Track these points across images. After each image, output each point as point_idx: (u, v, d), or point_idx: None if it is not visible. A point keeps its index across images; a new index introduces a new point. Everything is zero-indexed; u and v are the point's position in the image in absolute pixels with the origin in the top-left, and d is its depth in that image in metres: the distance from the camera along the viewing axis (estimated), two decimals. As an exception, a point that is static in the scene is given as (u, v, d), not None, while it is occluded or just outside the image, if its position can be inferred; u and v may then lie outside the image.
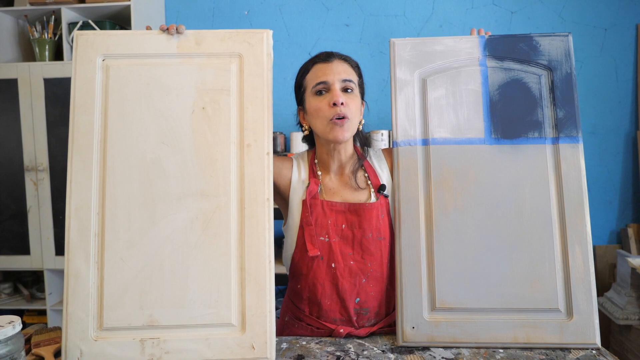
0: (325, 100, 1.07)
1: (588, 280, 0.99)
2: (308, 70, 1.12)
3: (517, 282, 1.01)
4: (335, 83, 1.07)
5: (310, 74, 1.11)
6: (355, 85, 1.10)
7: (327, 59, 1.10)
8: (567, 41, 1.09)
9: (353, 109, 1.08)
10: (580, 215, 1.01)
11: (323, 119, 1.07)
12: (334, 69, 1.08)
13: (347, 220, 1.10)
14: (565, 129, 1.05)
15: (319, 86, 1.08)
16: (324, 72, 1.08)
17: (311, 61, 1.13)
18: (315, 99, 1.09)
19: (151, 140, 1.01)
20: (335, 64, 1.09)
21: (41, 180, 2.36)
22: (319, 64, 1.10)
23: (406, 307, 1.01)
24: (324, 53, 1.13)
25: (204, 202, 0.99)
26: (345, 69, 1.10)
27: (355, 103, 1.09)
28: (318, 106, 1.08)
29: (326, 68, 1.09)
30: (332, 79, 1.07)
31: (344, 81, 1.08)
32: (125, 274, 0.97)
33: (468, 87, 1.08)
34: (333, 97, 1.05)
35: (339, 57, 1.11)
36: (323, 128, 1.09)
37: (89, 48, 1.03)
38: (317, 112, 1.08)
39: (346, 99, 1.06)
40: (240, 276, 0.97)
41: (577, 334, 0.98)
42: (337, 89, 1.07)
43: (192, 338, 0.95)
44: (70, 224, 0.97)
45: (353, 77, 1.11)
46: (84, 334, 0.94)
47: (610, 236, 2.78)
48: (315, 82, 1.09)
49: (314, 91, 1.09)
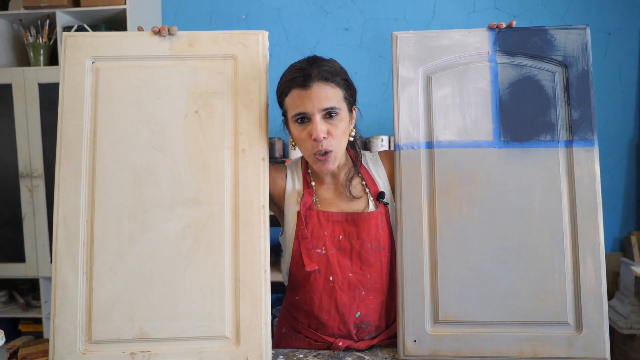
0: (307, 131, 0.99)
1: (599, 293, 0.95)
2: (286, 93, 1.01)
3: (524, 294, 0.96)
4: (315, 114, 0.97)
5: (288, 99, 1.01)
6: (339, 108, 0.99)
7: (305, 84, 0.97)
8: (584, 34, 1.03)
9: (338, 135, 1.00)
10: (594, 224, 0.97)
11: (305, 149, 1.02)
12: (312, 97, 0.96)
13: (345, 230, 1.06)
14: (580, 131, 1.00)
15: (299, 116, 0.99)
16: (302, 102, 0.97)
17: (288, 84, 1.00)
18: (296, 127, 1.01)
19: (142, 145, 0.98)
20: (315, 90, 0.97)
21: (36, 187, 2.33)
22: (297, 90, 0.98)
23: (408, 319, 0.97)
24: (301, 73, 0.98)
25: (196, 210, 0.96)
26: (327, 93, 0.97)
27: (341, 127, 1.00)
28: (300, 136, 1.00)
29: (304, 96, 0.97)
30: (312, 109, 0.97)
31: (324, 110, 0.97)
32: (115, 284, 0.94)
33: (476, 85, 1.03)
34: (313, 132, 0.97)
35: (318, 78, 0.97)
36: (307, 158, 1.04)
37: (78, 50, 1.01)
38: (299, 141, 1.02)
39: (329, 127, 0.98)
40: (234, 286, 0.95)
41: (587, 348, 0.94)
42: (317, 122, 0.97)
43: (184, 351, 0.93)
44: (58, 233, 0.96)
45: (337, 99, 0.99)
46: (72, 347, 0.92)
47: (613, 244, 2.74)
48: (294, 111, 0.99)
49: (295, 119, 1.00)
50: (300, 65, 1.00)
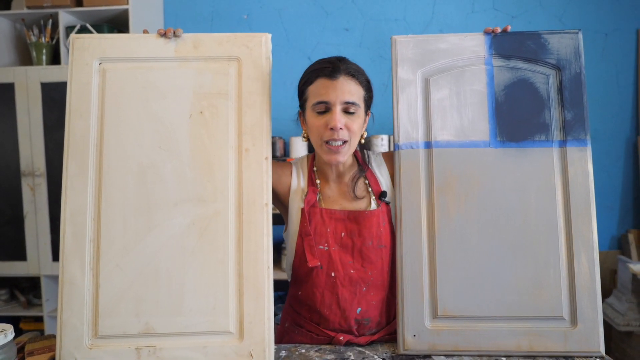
0: (324, 120, 1.02)
1: (594, 288, 0.98)
2: (311, 81, 1.05)
3: (521, 289, 0.99)
4: (336, 105, 1.01)
5: (312, 87, 1.04)
6: (359, 106, 1.04)
7: (332, 74, 1.02)
8: (577, 39, 1.05)
9: (354, 130, 1.04)
10: (587, 222, 0.99)
11: (318, 138, 1.04)
12: (337, 88, 1.01)
13: (347, 228, 1.08)
14: (574, 132, 1.03)
15: (320, 106, 1.02)
16: (327, 91, 1.01)
17: (315, 72, 1.04)
18: (314, 115, 1.04)
19: (148, 144, 1.00)
20: (341, 82, 1.01)
21: (38, 186, 2.34)
22: (323, 79, 1.02)
23: (407, 315, 1.00)
24: (330, 65, 1.03)
25: (201, 208, 0.98)
26: (350, 88, 1.02)
27: (357, 123, 1.04)
28: (316, 124, 1.04)
29: (329, 86, 1.01)
30: (334, 99, 1.01)
31: (346, 103, 1.02)
32: (121, 280, 0.96)
33: (473, 87, 1.06)
34: (332, 121, 1.00)
35: (345, 72, 1.02)
36: (318, 147, 1.07)
37: (85, 51, 1.02)
38: (314, 129, 1.04)
39: (347, 121, 1.02)
40: (238, 283, 0.96)
41: (581, 342, 0.97)
42: (337, 112, 1.01)
43: (189, 346, 0.94)
44: (65, 230, 0.97)
45: (358, 95, 1.04)
46: (78, 342, 0.93)
47: (610, 242, 2.77)
48: (316, 99, 1.03)
49: (315, 108, 1.04)
50: (329, 59, 1.06)
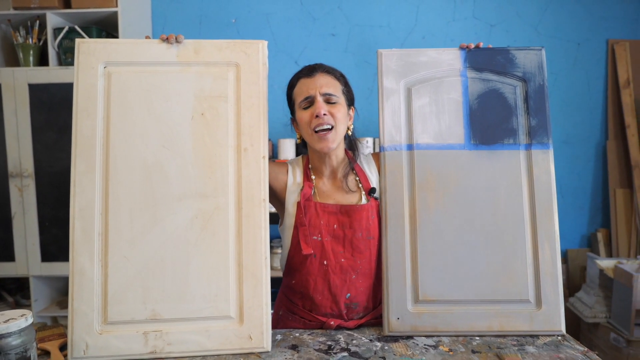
0: (310, 112, 1.15)
1: (555, 274, 1.09)
2: (294, 85, 1.20)
3: (491, 276, 1.09)
4: (317, 96, 1.14)
5: (296, 89, 1.19)
6: (338, 96, 1.16)
7: (310, 73, 1.17)
8: (540, 55, 1.18)
9: (338, 117, 1.15)
10: (550, 215, 1.11)
11: (308, 129, 1.15)
12: (316, 83, 1.15)
13: (339, 220, 1.17)
14: (538, 136, 1.14)
15: (305, 102, 1.15)
16: (307, 87, 1.15)
17: (296, 76, 1.20)
18: (302, 112, 1.17)
19: (152, 144, 1.05)
20: (318, 77, 1.16)
21: (26, 187, 2.30)
22: (303, 79, 1.17)
23: (392, 300, 1.09)
24: (307, 67, 1.20)
25: (203, 203, 1.04)
26: (327, 81, 1.16)
27: (341, 112, 1.16)
28: (304, 118, 1.16)
29: (309, 82, 1.16)
30: (314, 92, 1.14)
31: (326, 94, 1.14)
32: (128, 271, 1.01)
33: (450, 96, 1.17)
34: (316, 109, 1.13)
35: (321, 70, 1.18)
36: (310, 139, 1.17)
37: (91, 55, 1.06)
38: (303, 123, 1.17)
39: (330, 109, 1.14)
40: (238, 271, 1.03)
41: (545, 323, 1.07)
42: (319, 101, 1.13)
43: (193, 330, 1.00)
44: (74, 224, 1.01)
45: (336, 87, 1.17)
46: (89, 328, 0.98)
47: (581, 240, 2.89)
48: (301, 97, 1.16)
49: (301, 105, 1.16)
50: (307, 65, 1.20)
